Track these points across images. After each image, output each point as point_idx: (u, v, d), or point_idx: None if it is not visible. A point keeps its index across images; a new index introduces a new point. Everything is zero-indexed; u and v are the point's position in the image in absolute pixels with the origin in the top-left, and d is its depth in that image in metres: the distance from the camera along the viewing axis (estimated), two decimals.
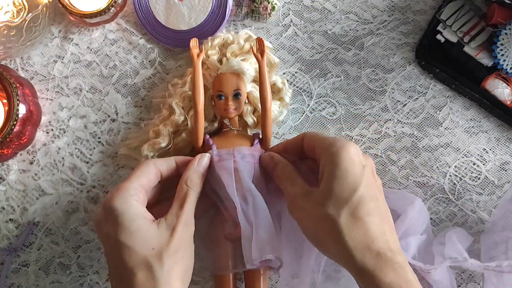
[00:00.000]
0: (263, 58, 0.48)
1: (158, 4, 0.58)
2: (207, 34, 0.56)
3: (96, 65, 0.59)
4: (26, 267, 0.56)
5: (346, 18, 0.59)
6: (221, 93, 0.49)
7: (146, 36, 0.59)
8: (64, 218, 0.56)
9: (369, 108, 0.57)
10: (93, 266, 0.55)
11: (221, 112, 0.50)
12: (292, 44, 0.59)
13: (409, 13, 0.59)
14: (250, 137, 0.51)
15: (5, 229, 0.56)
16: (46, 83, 0.59)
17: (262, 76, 0.48)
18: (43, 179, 0.57)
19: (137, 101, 0.58)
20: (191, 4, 0.57)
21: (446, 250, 0.49)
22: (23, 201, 0.56)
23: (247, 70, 0.50)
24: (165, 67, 0.58)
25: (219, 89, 0.50)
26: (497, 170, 0.56)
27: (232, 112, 0.50)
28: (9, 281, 0.55)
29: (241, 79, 0.50)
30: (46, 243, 0.56)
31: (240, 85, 0.50)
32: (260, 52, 0.48)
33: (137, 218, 0.40)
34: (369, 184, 0.40)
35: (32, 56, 0.59)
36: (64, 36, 0.60)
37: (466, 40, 0.55)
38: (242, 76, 0.50)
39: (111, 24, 0.59)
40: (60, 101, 0.58)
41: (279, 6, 0.59)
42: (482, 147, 0.56)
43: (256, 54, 0.48)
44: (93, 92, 0.58)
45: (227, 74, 0.50)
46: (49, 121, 0.58)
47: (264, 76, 0.48)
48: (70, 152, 0.57)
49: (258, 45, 0.48)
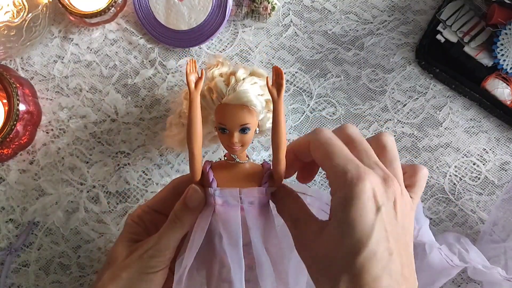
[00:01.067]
0: (280, 95, 0.36)
1: (158, 4, 0.58)
2: (207, 34, 0.56)
3: (96, 65, 0.59)
4: (26, 267, 0.56)
5: (346, 18, 0.59)
6: (223, 126, 0.39)
7: (146, 36, 0.59)
8: (64, 218, 0.56)
9: (369, 108, 0.57)
10: (93, 266, 0.55)
11: (225, 146, 0.40)
12: (292, 44, 0.59)
13: (409, 13, 0.59)
14: (258, 170, 0.40)
15: (5, 229, 0.56)
16: (46, 83, 0.59)
17: (277, 118, 0.36)
18: (43, 179, 0.57)
19: (137, 101, 0.58)
20: (191, 4, 0.57)
21: (471, 255, 0.48)
22: (23, 201, 0.56)
23: (260, 103, 0.39)
24: (165, 67, 0.58)
25: (221, 122, 0.39)
26: (497, 170, 0.56)
27: (237, 149, 0.39)
28: (9, 281, 0.55)
29: (250, 112, 0.39)
30: (46, 243, 0.56)
31: (248, 120, 0.39)
32: (277, 86, 0.36)
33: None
34: (381, 238, 0.32)
35: (32, 56, 0.59)
36: (64, 36, 0.60)
37: (466, 40, 0.55)
38: (253, 108, 0.39)
39: (111, 24, 0.59)
40: (60, 101, 0.58)
41: (279, 6, 0.59)
42: (482, 147, 0.56)
43: (271, 90, 0.36)
44: (93, 92, 0.58)
45: (233, 106, 0.38)
46: (49, 121, 0.58)
47: (280, 119, 0.36)
48: (70, 152, 0.57)
49: (274, 76, 0.36)
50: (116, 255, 0.40)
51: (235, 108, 0.38)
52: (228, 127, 0.38)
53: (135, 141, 0.57)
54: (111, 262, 0.40)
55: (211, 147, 0.57)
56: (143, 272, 0.38)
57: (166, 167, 0.57)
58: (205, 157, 0.57)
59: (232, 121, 0.38)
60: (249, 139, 0.39)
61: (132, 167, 0.56)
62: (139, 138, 0.57)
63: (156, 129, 0.57)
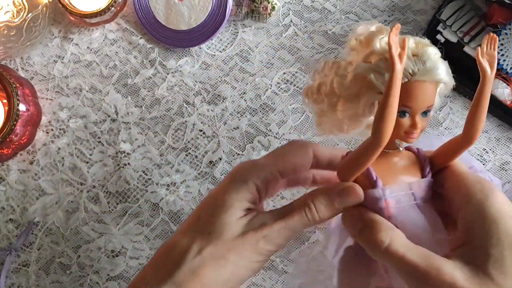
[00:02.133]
0: (492, 70, 0.30)
1: (158, 4, 0.58)
2: (207, 34, 0.56)
3: (96, 65, 0.59)
4: (26, 267, 0.56)
5: (346, 18, 0.59)
6: (407, 109, 0.31)
7: (146, 36, 0.59)
8: (64, 218, 0.56)
9: None
10: (93, 266, 0.55)
11: (397, 133, 0.31)
12: (292, 44, 0.59)
13: (409, 13, 0.59)
14: (414, 158, 0.33)
15: (5, 229, 0.56)
16: (46, 83, 0.59)
17: (482, 99, 0.31)
18: (43, 179, 0.57)
19: (137, 101, 0.58)
20: (191, 4, 0.57)
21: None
22: (23, 201, 0.56)
23: (451, 79, 0.33)
24: (165, 67, 0.58)
25: (405, 104, 0.30)
26: (497, 170, 0.56)
27: (415, 137, 0.32)
28: (9, 281, 0.55)
29: (435, 90, 0.32)
30: (46, 243, 0.56)
31: (434, 99, 0.32)
32: (490, 60, 0.30)
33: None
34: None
35: (32, 56, 0.59)
36: (64, 36, 0.60)
37: (466, 40, 0.55)
38: (439, 86, 0.32)
39: (111, 24, 0.59)
40: (60, 101, 0.58)
41: (279, 6, 0.59)
42: (482, 147, 0.56)
43: (482, 64, 0.30)
44: (93, 92, 0.58)
45: (422, 83, 0.31)
46: (49, 121, 0.58)
47: (486, 100, 0.31)
48: (70, 152, 0.57)
49: (488, 45, 0.30)
50: (225, 226, 0.32)
51: (425, 86, 0.31)
52: (413, 109, 0.31)
53: (135, 141, 0.57)
54: (217, 233, 0.31)
55: (211, 147, 0.57)
56: (254, 260, 0.32)
57: (166, 167, 0.56)
58: (206, 156, 0.57)
59: (420, 102, 0.31)
60: (427, 122, 0.32)
61: (132, 167, 0.56)
62: (139, 138, 0.57)
63: (156, 129, 0.57)
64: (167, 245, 0.33)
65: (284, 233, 0.32)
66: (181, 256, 0.31)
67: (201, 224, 0.33)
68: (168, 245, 0.33)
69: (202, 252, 0.31)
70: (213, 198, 0.34)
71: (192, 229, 0.33)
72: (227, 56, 0.58)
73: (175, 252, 0.32)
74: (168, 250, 0.32)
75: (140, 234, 0.55)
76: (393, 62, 0.27)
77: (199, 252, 0.31)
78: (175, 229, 0.55)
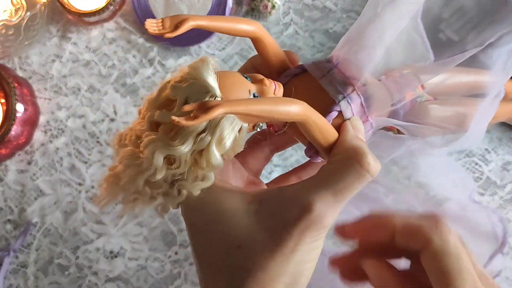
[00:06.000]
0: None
1: (157, 3, 0.57)
2: (206, 32, 0.56)
3: (94, 64, 0.58)
4: (25, 268, 0.55)
5: (347, 16, 0.58)
6: (252, 91, 0.30)
7: (145, 35, 0.59)
8: (62, 219, 0.56)
9: None
10: (92, 267, 0.55)
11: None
12: (293, 42, 0.58)
13: None
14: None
15: (3, 229, 0.56)
16: (44, 83, 0.58)
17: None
18: (42, 179, 0.56)
19: (136, 100, 0.58)
20: (190, 2, 0.56)
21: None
22: (21, 201, 0.56)
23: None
24: (164, 66, 0.58)
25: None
26: (499, 170, 0.55)
27: (268, 84, 0.30)
28: (7, 282, 0.55)
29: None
30: (45, 244, 0.55)
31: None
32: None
33: None
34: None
35: (30, 56, 0.59)
36: (63, 35, 0.59)
37: None
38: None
39: (110, 23, 0.59)
40: (59, 101, 0.58)
41: (279, 5, 0.59)
42: (484, 147, 0.56)
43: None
44: (91, 92, 0.58)
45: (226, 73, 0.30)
46: (48, 121, 0.57)
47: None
48: (69, 152, 0.57)
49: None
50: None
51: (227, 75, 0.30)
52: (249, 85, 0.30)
53: None
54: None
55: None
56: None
57: None
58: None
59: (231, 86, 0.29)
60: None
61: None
62: None
63: None
64: None
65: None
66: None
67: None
68: None
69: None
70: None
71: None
72: (227, 55, 0.58)
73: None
74: None
75: (139, 235, 0.55)
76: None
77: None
78: (174, 229, 0.55)
